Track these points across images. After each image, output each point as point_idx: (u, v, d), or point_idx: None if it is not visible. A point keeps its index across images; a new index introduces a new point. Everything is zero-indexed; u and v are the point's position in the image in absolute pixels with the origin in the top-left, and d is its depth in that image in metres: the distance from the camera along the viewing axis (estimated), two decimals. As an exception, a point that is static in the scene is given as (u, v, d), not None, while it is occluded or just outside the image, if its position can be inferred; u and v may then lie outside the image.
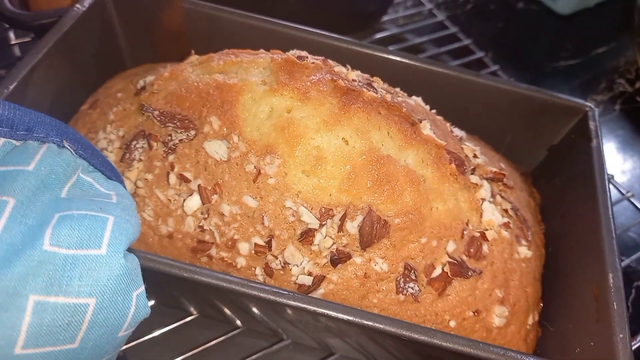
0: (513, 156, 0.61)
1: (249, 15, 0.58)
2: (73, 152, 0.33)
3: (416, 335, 0.37)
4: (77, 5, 0.55)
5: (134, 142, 0.46)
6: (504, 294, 0.46)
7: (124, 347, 0.51)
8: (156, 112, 0.45)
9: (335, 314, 0.37)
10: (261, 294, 0.37)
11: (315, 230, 0.42)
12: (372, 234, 0.42)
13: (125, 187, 0.37)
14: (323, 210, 0.42)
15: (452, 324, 0.44)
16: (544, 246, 0.52)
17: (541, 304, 0.50)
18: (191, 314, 0.54)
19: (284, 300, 0.37)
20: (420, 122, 0.46)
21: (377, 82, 0.49)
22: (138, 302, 0.31)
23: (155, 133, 0.45)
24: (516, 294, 0.47)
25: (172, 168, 0.44)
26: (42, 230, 0.27)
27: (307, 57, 0.47)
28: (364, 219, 0.42)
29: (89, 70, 0.58)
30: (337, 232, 0.42)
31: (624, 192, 0.70)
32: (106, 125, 0.49)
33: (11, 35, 0.76)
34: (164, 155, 0.44)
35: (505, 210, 0.49)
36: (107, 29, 0.60)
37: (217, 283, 0.38)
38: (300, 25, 0.58)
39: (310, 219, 0.42)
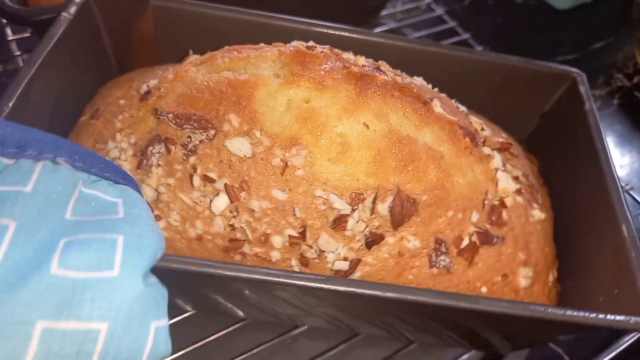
0: (507, 126, 0.63)
1: (238, 10, 0.58)
2: (70, 166, 0.31)
3: (464, 304, 0.39)
4: (64, 13, 0.53)
5: (150, 148, 0.45)
6: (526, 256, 0.48)
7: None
8: (170, 115, 0.44)
9: (390, 294, 0.38)
10: (308, 283, 0.38)
11: (348, 215, 0.43)
12: (402, 213, 0.43)
13: (137, 187, 0.35)
14: (353, 195, 0.43)
15: (484, 290, 0.46)
16: (551, 207, 0.55)
17: (557, 262, 0.52)
18: (186, 311, 0.55)
19: (335, 287, 0.38)
20: (432, 100, 0.47)
21: (384, 66, 0.50)
22: (157, 336, 0.28)
23: (171, 136, 0.45)
24: (536, 254, 0.49)
25: (195, 170, 0.43)
26: (49, 254, 0.26)
27: (316, 47, 0.47)
28: (393, 199, 0.43)
29: (81, 79, 0.56)
30: (370, 215, 0.43)
31: (623, 184, 0.72)
32: (115, 133, 0.48)
33: (8, 31, 0.75)
34: (184, 157, 0.44)
35: (516, 177, 0.51)
36: (95, 36, 0.58)
37: (261, 277, 0.38)
38: (287, 16, 0.58)
39: (341, 205, 0.42)
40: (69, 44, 0.52)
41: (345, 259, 0.43)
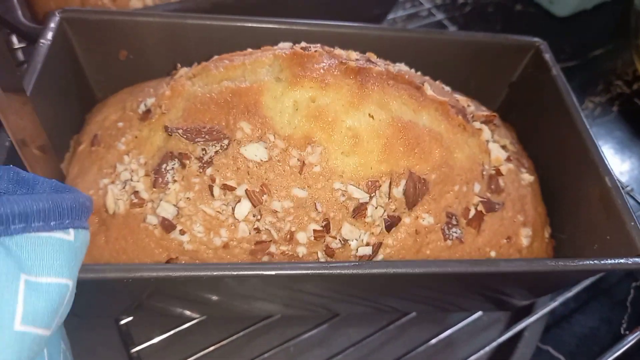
0: (478, 99, 0.67)
1: (216, 17, 0.59)
2: None
3: (486, 268, 0.42)
4: (42, 40, 0.52)
5: (164, 165, 0.46)
6: (524, 217, 0.52)
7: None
8: (181, 131, 0.45)
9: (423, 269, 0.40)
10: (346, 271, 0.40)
11: (366, 203, 0.45)
12: (415, 193, 0.46)
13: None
14: (369, 183, 0.45)
15: (493, 253, 0.50)
16: (535, 170, 0.59)
17: (548, 219, 0.57)
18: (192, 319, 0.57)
19: (371, 270, 0.40)
20: (423, 84, 0.50)
21: (372, 57, 0.52)
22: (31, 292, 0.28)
23: (184, 151, 0.45)
24: (532, 214, 0.53)
25: (213, 181, 0.45)
26: None
27: (309, 47, 0.49)
28: (406, 182, 0.46)
29: (66, 107, 0.56)
30: (387, 200, 0.46)
31: (623, 186, 0.76)
32: (122, 156, 0.48)
33: (14, 39, 0.76)
34: (200, 170, 0.45)
35: (504, 146, 0.55)
36: (72, 60, 0.58)
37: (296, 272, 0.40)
38: (265, 18, 0.59)
39: (360, 195, 0.45)
40: (52, 72, 0.52)
41: (367, 244, 0.46)
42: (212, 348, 0.56)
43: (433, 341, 0.59)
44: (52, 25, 0.54)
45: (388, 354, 0.59)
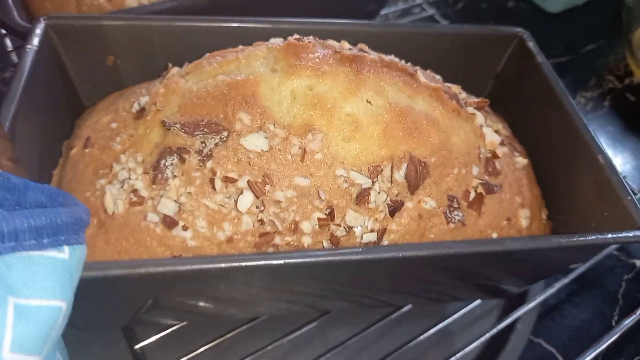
0: (467, 91, 0.68)
1: (205, 18, 0.59)
2: None
3: (493, 247, 0.42)
4: (28, 45, 0.52)
5: (162, 161, 0.45)
6: (522, 199, 0.53)
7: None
8: (178, 125, 0.45)
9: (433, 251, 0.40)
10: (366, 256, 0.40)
11: (369, 188, 0.45)
12: (417, 177, 0.46)
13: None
14: (371, 168, 0.45)
15: (494, 235, 0.50)
16: (527, 154, 0.60)
17: (544, 202, 0.58)
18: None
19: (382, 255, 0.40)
20: (416, 72, 0.51)
21: (364, 47, 0.52)
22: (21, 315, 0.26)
23: (183, 145, 0.45)
24: (529, 196, 0.54)
25: (214, 174, 0.44)
26: None
27: (302, 39, 0.49)
28: (407, 165, 0.46)
29: (55, 112, 0.55)
30: (389, 185, 0.46)
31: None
32: (118, 156, 0.47)
33: (8, 42, 0.76)
34: (201, 164, 0.45)
35: (497, 131, 0.56)
36: (59, 66, 0.57)
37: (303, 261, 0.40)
38: (253, 17, 0.60)
39: (362, 180, 0.45)
40: (39, 79, 0.51)
41: (372, 230, 0.46)
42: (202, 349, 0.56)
43: (426, 334, 0.59)
44: (38, 31, 0.54)
45: (382, 348, 0.59)
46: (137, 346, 0.56)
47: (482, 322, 0.65)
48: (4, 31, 0.76)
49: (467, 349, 0.58)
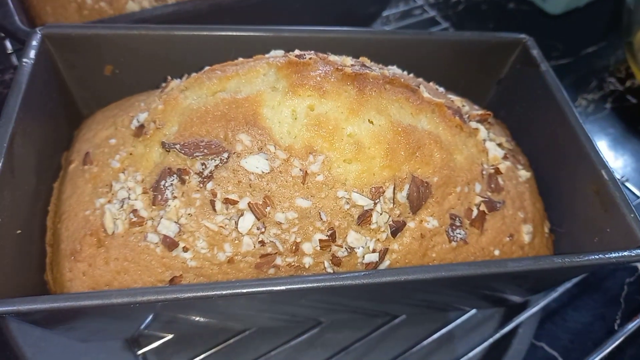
0: (469, 97, 0.68)
1: (203, 27, 0.58)
2: None
3: (501, 269, 0.42)
4: (25, 59, 0.51)
5: (162, 182, 0.45)
6: (524, 214, 0.52)
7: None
8: (178, 146, 0.44)
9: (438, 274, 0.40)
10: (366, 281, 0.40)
11: (371, 210, 0.45)
12: (419, 197, 0.46)
13: None
14: (373, 190, 0.45)
15: (497, 252, 0.50)
16: (530, 165, 0.59)
17: (546, 214, 0.57)
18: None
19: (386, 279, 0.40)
20: (418, 87, 0.50)
21: (366, 61, 0.52)
22: None
23: (183, 166, 0.44)
24: (531, 210, 0.53)
25: (215, 195, 0.44)
26: None
27: (304, 54, 0.48)
28: (409, 186, 0.46)
29: (54, 125, 0.54)
30: (391, 206, 0.45)
31: (618, 177, 0.76)
32: (117, 174, 0.47)
33: (8, 44, 0.77)
34: (201, 185, 0.44)
35: (499, 144, 0.55)
36: (57, 77, 0.56)
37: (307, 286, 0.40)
38: (250, 26, 0.58)
39: (364, 202, 0.44)
40: (36, 91, 0.50)
41: (373, 250, 0.46)
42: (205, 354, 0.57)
43: (428, 340, 0.59)
44: (34, 42, 0.53)
45: (384, 354, 0.60)
46: (139, 352, 0.57)
47: (484, 327, 0.65)
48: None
49: (470, 354, 0.59)
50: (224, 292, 0.38)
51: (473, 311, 0.63)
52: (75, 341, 0.56)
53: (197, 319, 0.51)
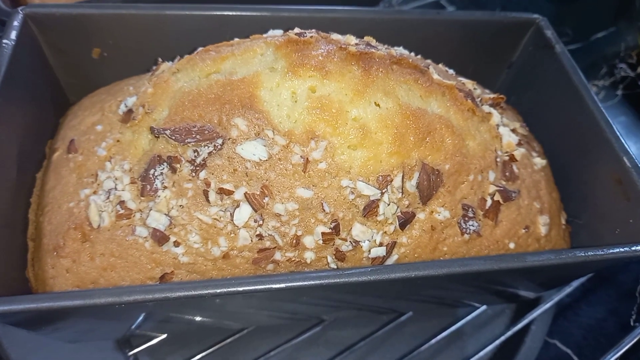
0: (478, 81, 0.64)
1: (197, 6, 0.54)
2: None
3: (510, 264, 0.39)
4: (5, 40, 0.47)
5: (152, 171, 0.41)
6: (540, 204, 0.49)
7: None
8: (168, 132, 0.41)
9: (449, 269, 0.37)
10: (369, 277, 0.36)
11: (378, 200, 0.41)
12: (430, 186, 0.42)
13: None
14: (380, 178, 0.41)
15: (512, 245, 0.46)
16: (544, 153, 0.56)
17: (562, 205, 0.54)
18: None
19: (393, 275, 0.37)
20: (428, 68, 0.46)
21: (372, 41, 0.48)
22: None
23: (174, 154, 0.41)
24: (548, 200, 0.50)
25: (208, 185, 0.40)
26: None
27: (305, 33, 0.45)
28: (419, 174, 0.42)
29: (38, 110, 0.51)
30: (400, 196, 0.42)
31: None
32: (103, 163, 0.43)
33: None
34: (193, 174, 0.41)
35: (513, 130, 0.52)
36: (41, 60, 0.53)
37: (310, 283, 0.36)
38: (247, 5, 0.55)
39: (370, 191, 0.41)
40: (18, 75, 0.47)
41: (380, 244, 0.42)
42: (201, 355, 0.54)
43: (437, 338, 0.56)
44: (15, 23, 0.49)
45: (392, 352, 0.57)
46: (131, 352, 0.54)
47: (495, 323, 0.62)
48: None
49: (481, 353, 0.56)
50: (218, 291, 0.35)
51: (483, 307, 0.60)
52: (63, 342, 0.53)
53: (192, 317, 0.48)
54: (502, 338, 0.57)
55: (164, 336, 0.54)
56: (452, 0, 0.97)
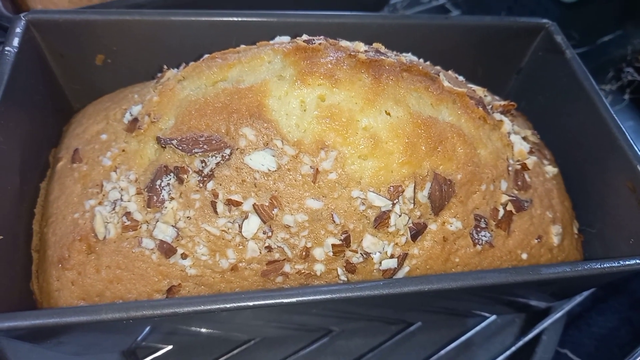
0: (487, 87, 0.63)
1: (202, 12, 0.53)
2: None
3: (525, 277, 0.38)
4: (8, 48, 0.46)
5: (158, 181, 0.40)
6: (553, 214, 0.48)
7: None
8: (175, 142, 0.40)
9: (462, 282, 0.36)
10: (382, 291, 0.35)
11: (389, 211, 0.40)
12: (442, 197, 0.41)
13: None
14: (391, 189, 0.40)
15: (524, 256, 0.46)
16: (555, 160, 0.55)
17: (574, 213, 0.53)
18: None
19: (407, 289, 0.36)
20: (438, 75, 0.45)
21: (381, 48, 0.47)
22: None
23: (181, 164, 0.40)
24: (560, 210, 0.49)
25: (216, 196, 0.39)
26: None
27: (314, 40, 0.44)
28: (431, 184, 0.41)
29: (41, 118, 0.50)
30: (411, 206, 0.41)
31: None
32: (108, 173, 0.43)
33: None
34: (201, 184, 0.40)
35: (525, 137, 0.51)
36: (43, 67, 0.52)
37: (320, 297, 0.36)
38: (255, 11, 0.54)
39: (381, 202, 0.40)
40: (21, 82, 0.46)
41: (392, 256, 0.41)
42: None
43: (446, 349, 0.55)
44: (18, 30, 0.48)
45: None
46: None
47: (505, 333, 0.61)
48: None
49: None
50: (228, 306, 0.34)
51: (493, 317, 0.59)
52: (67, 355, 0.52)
53: (199, 329, 0.47)
54: (513, 348, 0.56)
55: (170, 347, 0.53)
56: (457, 4, 0.96)
